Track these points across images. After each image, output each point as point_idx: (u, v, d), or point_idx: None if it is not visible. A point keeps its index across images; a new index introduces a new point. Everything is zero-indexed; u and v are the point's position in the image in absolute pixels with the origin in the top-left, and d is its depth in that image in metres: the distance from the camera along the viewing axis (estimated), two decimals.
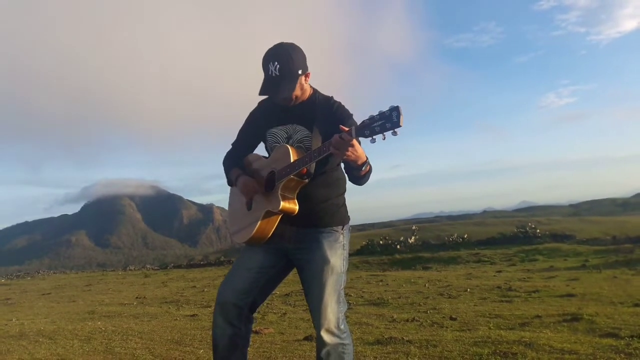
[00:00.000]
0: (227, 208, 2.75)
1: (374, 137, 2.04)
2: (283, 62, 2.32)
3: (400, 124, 1.96)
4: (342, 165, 2.45)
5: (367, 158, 2.21)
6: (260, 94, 2.38)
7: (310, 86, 2.51)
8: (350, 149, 2.09)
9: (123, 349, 4.50)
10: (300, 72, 2.36)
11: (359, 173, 2.25)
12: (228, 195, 2.73)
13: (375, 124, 2.02)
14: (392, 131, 1.99)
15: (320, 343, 2.34)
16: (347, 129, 2.10)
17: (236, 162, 2.63)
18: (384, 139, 2.02)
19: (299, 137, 2.45)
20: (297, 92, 2.40)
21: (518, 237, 18.52)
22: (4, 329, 5.67)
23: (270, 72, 2.32)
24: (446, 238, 20.62)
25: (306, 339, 4.67)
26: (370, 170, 2.29)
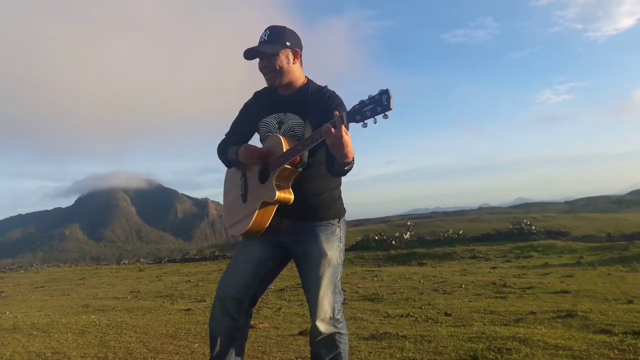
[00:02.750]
0: (221, 202, 2.73)
1: (365, 121, 2.01)
2: (274, 30, 2.43)
3: (391, 107, 1.94)
4: (326, 156, 2.39)
5: (353, 159, 2.16)
6: (244, 53, 2.39)
7: (306, 77, 2.52)
8: (341, 139, 2.03)
9: (117, 342, 4.48)
10: (288, 43, 2.43)
11: (342, 169, 2.20)
12: (222, 189, 2.71)
13: (365, 109, 2.00)
14: (382, 114, 1.97)
15: (315, 332, 2.35)
16: (338, 114, 2.07)
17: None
18: (375, 122, 2.00)
19: (290, 124, 2.44)
20: (283, 63, 2.41)
21: (513, 233, 18.59)
22: None
23: (260, 39, 2.41)
24: (441, 234, 20.69)
25: (301, 333, 4.66)
26: (351, 169, 2.24)
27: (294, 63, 2.45)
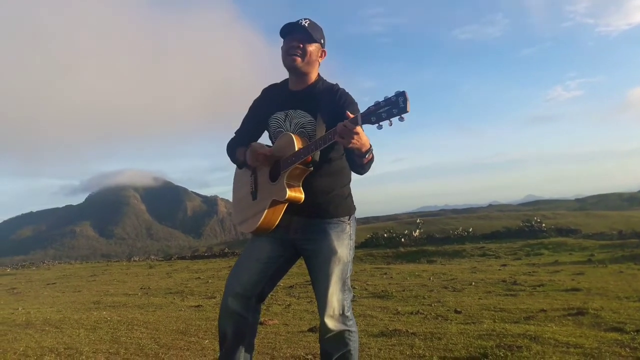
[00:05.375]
0: (231, 200, 2.73)
1: (380, 123, 2.01)
2: (313, 23, 2.43)
3: (407, 110, 1.94)
4: (345, 153, 2.43)
5: (370, 145, 2.19)
6: (285, 26, 2.40)
7: (319, 74, 2.52)
8: (355, 136, 2.07)
9: (129, 338, 4.52)
10: (322, 41, 2.46)
11: (362, 161, 2.22)
12: (231, 187, 2.71)
13: (381, 110, 1.99)
14: (398, 117, 1.96)
15: (324, 329, 2.35)
16: (352, 115, 2.09)
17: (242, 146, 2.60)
18: (391, 124, 2.00)
19: (300, 121, 2.43)
20: (313, 53, 2.42)
21: (523, 231, 18.48)
22: (11, 317, 5.70)
23: (299, 22, 2.41)
24: (451, 231, 20.64)
25: (310, 330, 4.68)
26: (372, 159, 2.27)
27: (318, 60, 2.48)
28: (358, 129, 2.06)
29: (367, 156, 2.20)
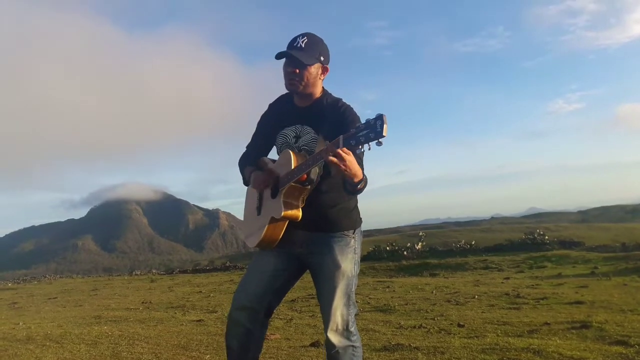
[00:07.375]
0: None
1: (360, 147, 1.96)
2: (312, 40, 2.38)
3: (384, 134, 1.87)
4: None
5: (364, 177, 2.16)
6: (277, 55, 2.36)
7: (323, 87, 2.52)
8: (344, 163, 2.01)
9: (130, 353, 4.50)
10: (322, 58, 2.41)
11: (354, 189, 2.19)
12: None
13: (360, 134, 1.95)
14: (376, 141, 1.91)
15: (328, 344, 2.35)
16: (335, 140, 2.06)
17: (251, 163, 2.63)
18: (369, 149, 1.94)
19: (306, 138, 2.44)
20: (311, 75, 2.39)
21: (526, 243, 18.40)
22: (11, 332, 5.68)
23: (296, 43, 2.36)
24: (453, 244, 20.56)
25: (313, 345, 4.65)
26: (365, 186, 2.23)
27: (320, 78, 2.45)
28: (347, 156, 2.00)
29: (358, 186, 2.17)
